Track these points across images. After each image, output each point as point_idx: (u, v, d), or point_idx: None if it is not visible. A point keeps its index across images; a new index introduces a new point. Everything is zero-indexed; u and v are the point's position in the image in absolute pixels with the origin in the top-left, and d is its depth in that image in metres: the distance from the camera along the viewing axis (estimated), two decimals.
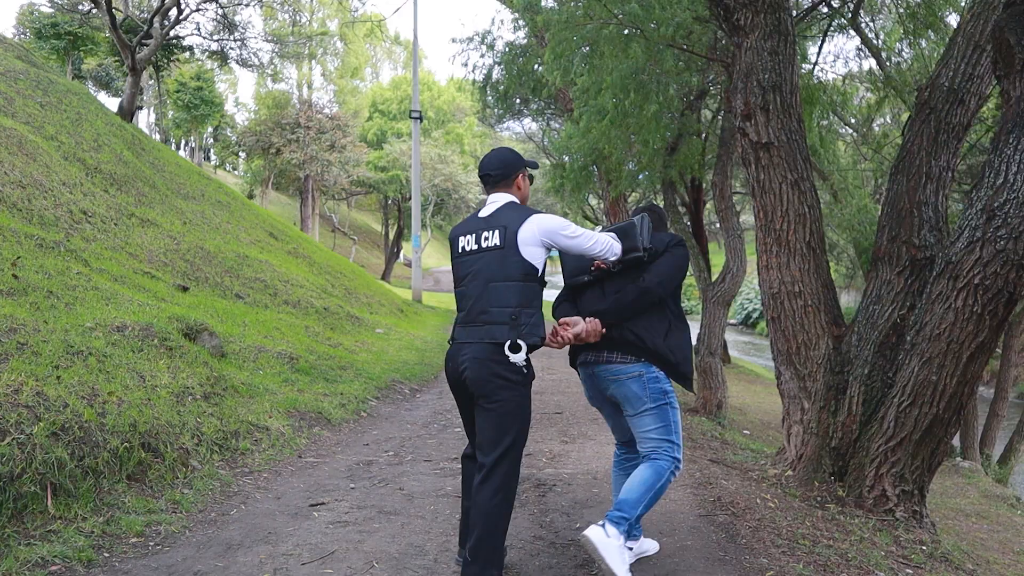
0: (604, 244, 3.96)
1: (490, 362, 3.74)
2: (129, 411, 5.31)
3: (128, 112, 21.11)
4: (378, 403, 9.29)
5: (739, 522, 5.01)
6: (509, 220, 3.87)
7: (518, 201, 4.08)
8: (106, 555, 4.00)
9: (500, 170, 4.08)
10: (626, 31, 9.41)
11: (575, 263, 4.33)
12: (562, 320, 4.14)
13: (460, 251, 4.05)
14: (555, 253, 4.08)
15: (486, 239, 3.90)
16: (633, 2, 8.76)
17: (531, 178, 4.23)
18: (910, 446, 5.91)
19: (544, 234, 3.84)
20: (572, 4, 10.79)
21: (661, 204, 12.67)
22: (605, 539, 3.83)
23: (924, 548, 5.36)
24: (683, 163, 12.10)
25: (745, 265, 11.11)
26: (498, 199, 4.04)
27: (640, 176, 11.78)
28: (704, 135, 14.94)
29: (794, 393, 6.76)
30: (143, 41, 21.54)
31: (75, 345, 6.05)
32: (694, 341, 11.68)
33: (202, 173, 22.50)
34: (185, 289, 11.43)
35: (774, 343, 6.88)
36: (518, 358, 3.74)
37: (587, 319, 4.06)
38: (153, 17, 21.14)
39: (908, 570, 4.79)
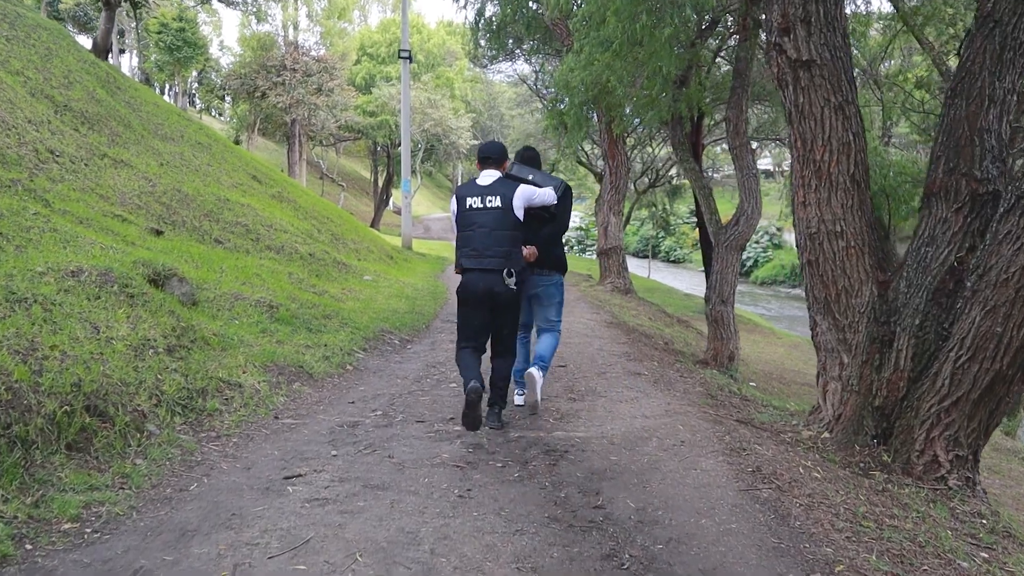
0: (550, 197, 5.92)
1: (500, 283, 5.61)
2: (74, 368, 4.54)
3: (103, 49, 20.11)
4: (365, 355, 8.54)
5: (787, 498, 4.28)
6: (506, 189, 5.74)
7: (502, 175, 5.95)
8: (28, 547, 3.25)
9: (496, 155, 5.98)
10: None
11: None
12: (525, 248, 5.87)
13: (468, 207, 5.79)
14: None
15: (490, 201, 5.70)
16: None
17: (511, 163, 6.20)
18: (967, 406, 5.22)
19: (524, 199, 5.76)
20: None
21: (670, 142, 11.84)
22: (540, 377, 6.09)
23: (984, 523, 4.69)
24: (693, 97, 11.25)
25: (760, 207, 10.32)
26: (493, 174, 5.89)
27: (649, 112, 10.90)
28: (707, 69, 14.13)
29: (832, 346, 6.04)
30: None
31: (18, 292, 5.28)
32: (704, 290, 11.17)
33: (182, 114, 21.50)
34: (159, 233, 10.63)
35: (810, 289, 6.13)
36: (511, 282, 5.64)
37: (527, 247, 5.89)
38: None
39: (983, 553, 4.10)
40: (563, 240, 6.40)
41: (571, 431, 5.60)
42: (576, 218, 64.18)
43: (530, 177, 6.01)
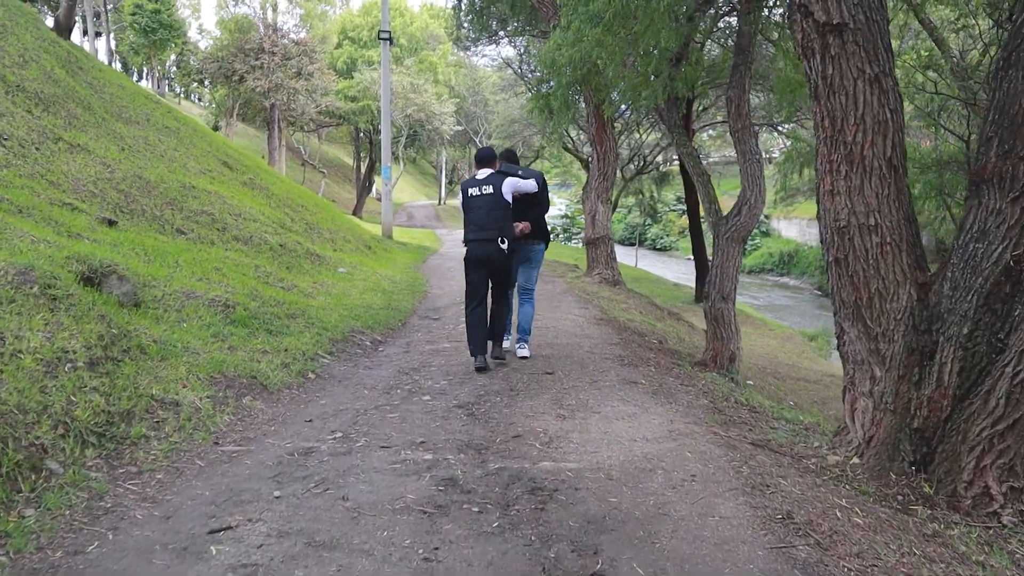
0: (532, 186, 7.82)
1: (494, 248, 7.50)
2: None
3: (65, 28, 19.06)
4: (331, 360, 7.69)
5: (830, 559, 3.46)
6: (496, 181, 7.65)
7: (494, 171, 7.78)
8: None
9: (489, 157, 7.95)
10: None
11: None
12: (518, 223, 7.88)
13: (470, 195, 7.71)
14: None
15: (485, 189, 7.63)
16: None
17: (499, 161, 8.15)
18: None
19: (511, 186, 7.66)
20: None
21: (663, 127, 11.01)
22: (527, 350, 8.29)
23: None
24: (690, 76, 10.40)
25: (764, 195, 9.48)
26: (487, 171, 7.78)
27: (644, 92, 10.03)
28: (700, 46, 13.31)
29: (862, 357, 5.22)
30: None
31: None
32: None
33: (150, 96, 20.49)
34: (112, 223, 9.74)
35: (837, 292, 5.31)
36: (504, 246, 7.53)
37: (522, 223, 7.93)
38: None
39: None
40: (545, 219, 8.44)
41: (561, 460, 4.75)
42: (561, 206, 63.42)
43: (519, 172, 7.98)
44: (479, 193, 7.62)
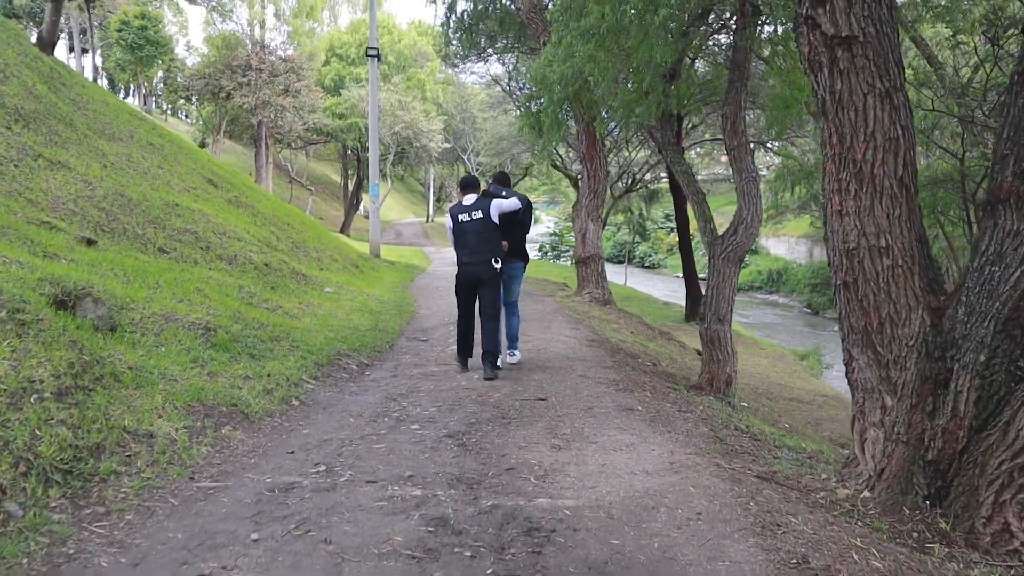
0: (515, 204, 8.26)
1: (487, 269, 8.09)
2: None
3: (48, 43, 18.80)
4: (316, 386, 7.41)
5: None
6: (484, 205, 8.19)
7: (479, 196, 8.37)
8: None
9: (474, 183, 8.54)
10: None
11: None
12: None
13: (461, 222, 8.21)
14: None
15: (475, 214, 8.16)
16: None
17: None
18: None
19: (498, 208, 8.17)
20: None
21: (655, 142, 10.81)
22: (518, 356, 9.10)
23: None
24: (683, 93, 10.20)
25: (760, 213, 9.27)
26: (473, 196, 8.34)
27: (637, 109, 9.81)
28: (691, 63, 13.12)
29: (872, 385, 4.98)
30: None
31: None
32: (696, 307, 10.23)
33: (134, 113, 20.17)
34: (91, 242, 9.45)
35: (845, 317, 5.07)
36: (496, 266, 8.11)
37: (504, 243, 8.39)
38: None
39: None
40: (526, 240, 9.04)
41: (558, 497, 4.48)
42: (550, 223, 63.28)
43: (503, 193, 8.56)
44: (469, 219, 8.18)
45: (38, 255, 7.64)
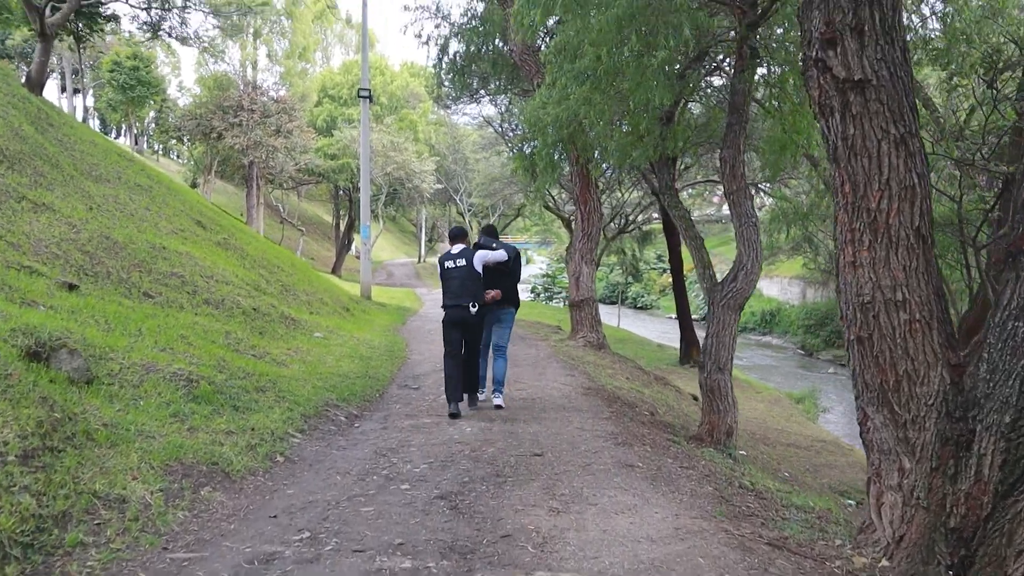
0: (502, 256, 9.03)
1: (465, 312, 8.73)
2: None
3: (37, 84, 18.66)
4: (302, 440, 7.10)
5: None
6: (468, 254, 8.91)
7: (466, 246, 9.11)
8: None
9: (461, 234, 9.31)
10: None
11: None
12: (489, 291, 9.06)
13: (447, 268, 8.95)
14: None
15: (459, 262, 8.88)
16: None
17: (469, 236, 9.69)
18: None
19: (480, 259, 8.90)
20: None
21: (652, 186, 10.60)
22: (500, 401, 9.27)
23: None
24: (679, 135, 10.02)
25: (760, 259, 9.05)
26: (460, 246, 9.07)
27: (634, 152, 9.62)
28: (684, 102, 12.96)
29: (889, 446, 4.71)
30: (55, 3, 18.98)
31: None
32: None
33: (123, 153, 19.98)
34: (72, 287, 9.16)
35: (859, 374, 4.81)
36: (473, 310, 8.74)
37: (493, 291, 9.09)
38: None
39: None
40: (517, 287, 9.62)
41: (558, 569, 4.17)
42: (542, 264, 63.15)
43: (493, 245, 9.23)
44: (454, 266, 8.91)
45: (15, 302, 7.36)
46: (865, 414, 4.87)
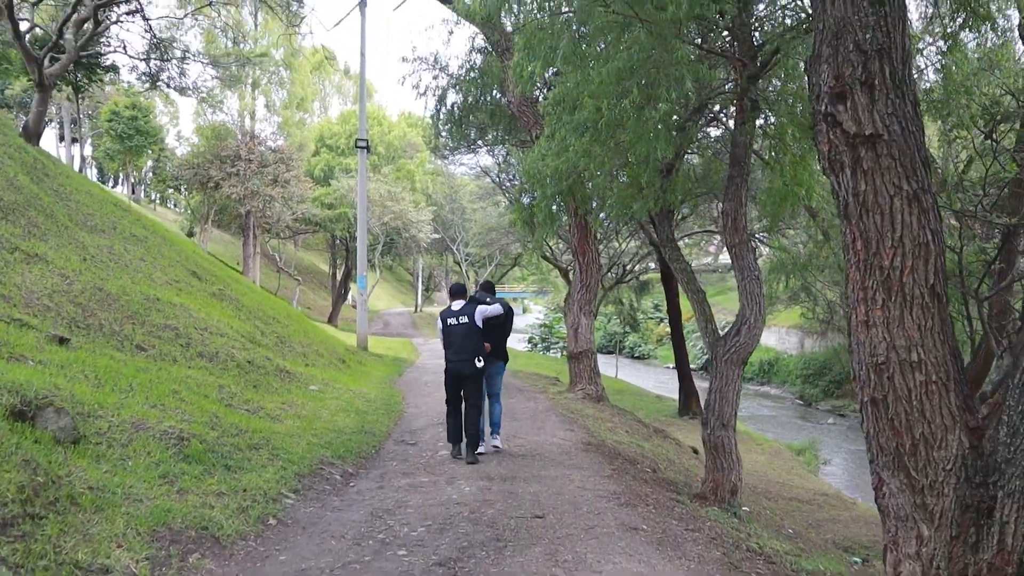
0: (497, 310, 9.54)
1: (471, 366, 9.24)
2: None
3: (34, 134, 18.60)
4: (296, 500, 6.89)
5: None
6: (469, 311, 9.40)
7: (466, 302, 9.57)
8: None
9: (461, 291, 9.77)
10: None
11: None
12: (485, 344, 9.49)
13: (449, 325, 9.45)
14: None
15: (461, 319, 9.38)
16: None
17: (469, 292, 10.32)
18: None
19: (481, 314, 9.37)
20: None
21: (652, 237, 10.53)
22: (498, 442, 10.00)
23: None
24: (679, 187, 9.94)
25: (764, 313, 8.91)
26: (460, 302, 9.55)
27: (635, 204, 9.54)
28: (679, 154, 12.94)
29: (905, 512, 4.53)
30: (54, 55, 19.02)
31: None
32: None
33: (119, 203, 19.91)
34: (63, 341, 8.98)
35: (874, 437, 4.64)
36: (479, 364, 9.28)
37: (486, 344, 9.49)
38: (63, 27, 18.60)
39: None
40: (506, 341, 10.11)
41: None
42: (539, 314, 63.04)
43: (488, 300, 9.69)
44: (456, 323, 9.39)
45: (3, 357, 7.20)
46: (880, 478, 4.69)
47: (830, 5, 4.43)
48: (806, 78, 4.76)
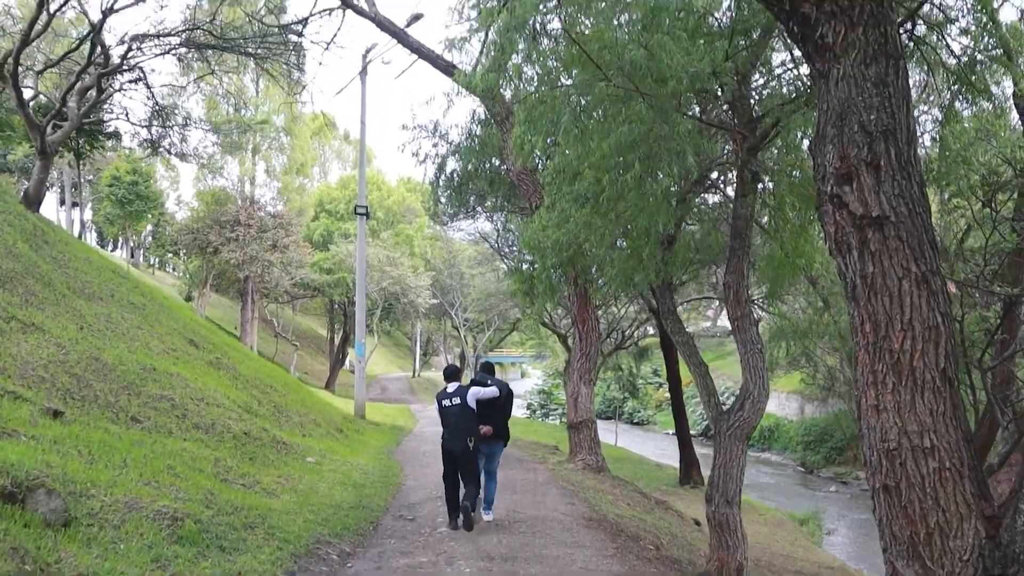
0: (493, 392, 9.89)
1: (463, 446, 9.62)
2: None
3: (34, 201, 18.64)
4: None
5: None
6: (462, 393, 9.81)
7: (460, 384, 10.04)
8: None
9: (455, 373, 10.25)
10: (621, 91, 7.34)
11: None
12: (483, 427, 9.87)
13: (444, 406, 9.92)
14: None
15: (454, 401, 9.81)
16: (633, 49, 6.67)
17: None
18: None
19: (474, 396, 9.76)
20: (551, 64, 8.76)
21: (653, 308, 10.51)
22: (491, 517, 10.25)
23: None
24: (679, 258, 9.92)
25: (767, 387, 8.81)
26: (454, 384, 10.00)
27: (636, 276, 9.51)
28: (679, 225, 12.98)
29: None
30: (56, 122, 19.15)
31: None
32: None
33: (117, 270, 19.91)
34: (57, 414, 8.85)
35: (886, 524, 4.52)
36: (470, 445, 9.62)
37: (486, 427, 9.91)
38: (66, 95, 18.76)
39: None
40: (507, 422, 10.43)
41: None
42: (537, 379, 62.80)
43: (488, 382, 10.12)
44: (450, 404, 9.84)
45: None
46: (895, 568, 4.55)
47: (834, 86, 4.42)
48: (811, 158, 4.73)
